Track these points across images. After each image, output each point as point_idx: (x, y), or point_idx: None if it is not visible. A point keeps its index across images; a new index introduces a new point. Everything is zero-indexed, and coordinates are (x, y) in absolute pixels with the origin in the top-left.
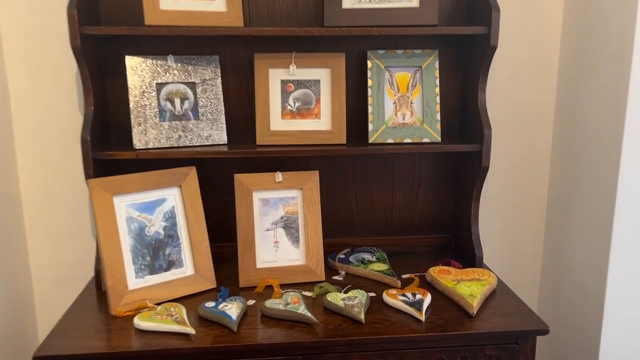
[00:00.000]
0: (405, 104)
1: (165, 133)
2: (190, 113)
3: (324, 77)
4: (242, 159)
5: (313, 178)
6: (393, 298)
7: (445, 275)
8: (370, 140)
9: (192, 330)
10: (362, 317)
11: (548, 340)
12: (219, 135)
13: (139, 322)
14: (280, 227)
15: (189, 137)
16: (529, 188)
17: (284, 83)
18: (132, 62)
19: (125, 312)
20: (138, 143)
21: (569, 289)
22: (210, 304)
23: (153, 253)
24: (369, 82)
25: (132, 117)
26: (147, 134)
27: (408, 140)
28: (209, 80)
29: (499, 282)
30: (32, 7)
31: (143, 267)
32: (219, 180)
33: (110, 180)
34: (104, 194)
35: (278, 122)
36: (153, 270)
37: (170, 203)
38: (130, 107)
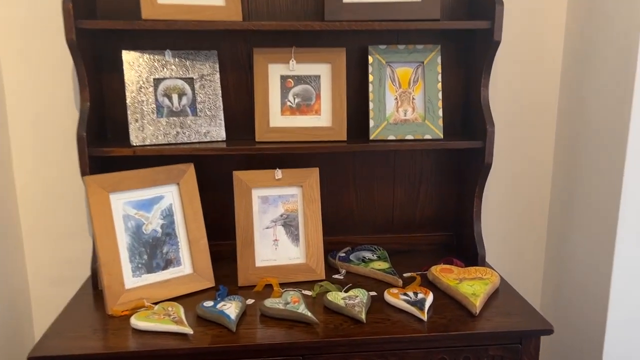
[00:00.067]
0: (407, 100)
1: (163, 129)
2: (188, 109)
3: (325, 72)
4: (241, 156)
5: (313, 175)
6: (394, 297)
7: (447, 274)
8: (371, 137)
9: (190, 330)
10: (363, 316)
11: (551, 341)
12: (218, 132)
13: (136, 321)
14: (280, 225)
15: (187, 133)
16: (532, 185)
17: (284, 79)
18: (129, 57)
19: (122, 311)
20: (135, 139)
21: (572, 288)
22: (209, 303)
23: (150, 251)
24: (370, 77)
25: (129, 113)
26: (144, 131)
27: (410, 137)
28: (207, 76)
29: (502, 281)
30: (26, 0)
31: (140, 265)
32: (218, 178)
33: (107, 177)
34: (100, 191)
35: (277, 118)
36: (150, 269)
37: (168, 200)
38: (127, 103)
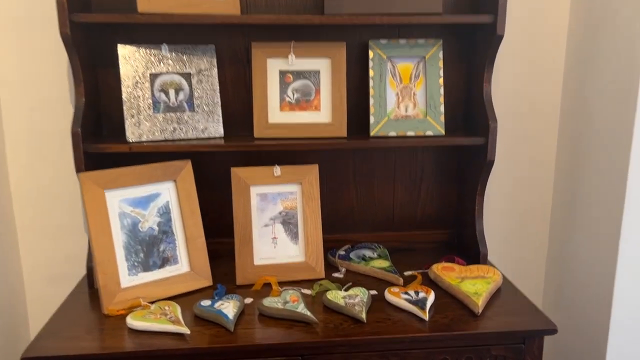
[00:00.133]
0: (408, 96)
1: (160, 125)
2: (186, 104)
3: (324, 67)
4: (239, 152)
5: (312, 172)
6: (395, 296)
7: (449, 273)
8: (372, 133)
9: (186, 330)
10: (363, 316)
11: (553, 341)
12: (215, 128)
13: (132, 321)
14: (279, 222)
15: (184, 129)
16: (534, 183)
17: (283, 74)
18: (124, 51)
19: (118, 311)
20: (131, 136)
21: (575, 288)
22: (206, 303)
23: (147, 249)
24: (371, 72)
25: (125, 108)
26: (140, 127)
27: (411, 133)
28: (205, 71)
29: (504, 279)
30: None
31: (136, 264)
32: (215, 175)
33: (102, 174)
34: (95, 189)
35: (276, 114)
36: (147, 268)
37: (165, 198)
38: (123, 98)
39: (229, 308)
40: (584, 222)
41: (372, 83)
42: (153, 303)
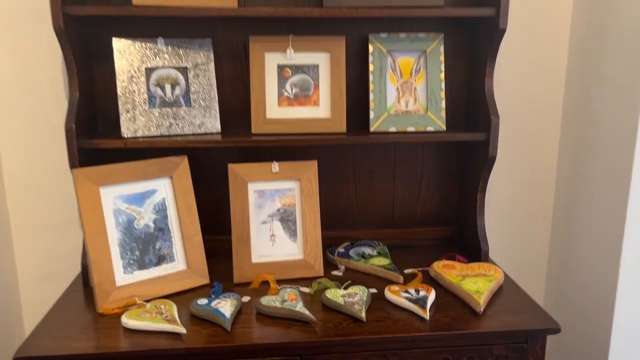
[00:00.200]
0: (409, 91)
1: (155, 121)
2: (182, 99)
3: (323, 61)
4: (236, 148)
5: (311, 168)
6: (395, 295)
7: (450, 271)
8: (372, 129)
9: (182, 330)
10: (363, 315)
11: (556, 340)
12: (212, 123)
13: (127, 320)
14: (277, 219)
15: (181, 125)
16: (536, 180)
17: (281, 68)
18: (119, 45)
19: (113, 309)
20: (126, 131)
21: (577, 287)
22: (203, 301)
23: (142, 247)
24: (371, 67)
25: (120, 103)
26: (135, 122)
27: (411, 129)
28: (202, 65)
29: (506, 277)
30: None
31: (132, 262)
32: (212, 171)
33: (97, 170)
34: (90, 185)
35: (274, 109)
36: (142, 266)
37: (161, 194)
38: (118, 93)
39: (226, 307)
40: (587, 220)
41: (372, 78)
42: (149, 302)
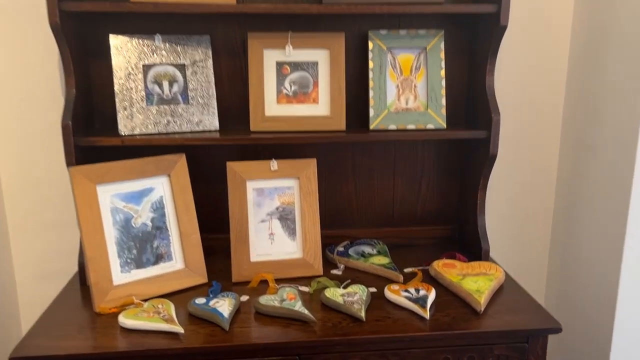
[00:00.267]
0: (409, 88)
1: (153, 118)
2: (180, 97)
3: (323, 58)
4: (235, 146)
5: (310, 166)
6: (395, 294)
7: (450, 270)
8: (371, 127)
9: (180, 329)
10: (362, 314)
11: (557, 340)
12: (211, 121)
13: (124, 320)
14: (276, 218)
15: (178, 122)
16: (537, 179)
17: (280, 65)
18: (116, 41)
19: (110, 309)
20: (124, 129)
21: (578, 286)
22: (201, 301)
23: (140, 246)
24: (370, 64)
25: (117, 101)
26: (133, 119)
27: (411, 127)
28: (200, 62)
29: (507, 276)
30: None
31: (129, 260)
32: (211, 169)
33: (93, 168)
34: (87, 183)
35: (273, 106)
36: (140, 264)
37: (159, 193)
38: (115, 90)
39: (224, 306)
40: (588, 220)
41: (371, 75)
42: (146, 301)
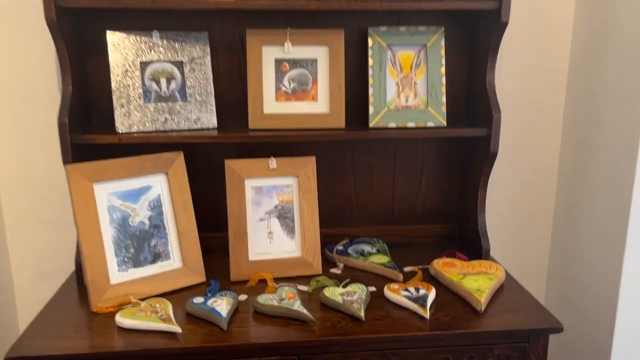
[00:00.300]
0: (409, 85)
1: (151, 116)
2: (177, 94)
3: (322, 55)
4: (233, 144)
5: (309, 164)
6: (395, 293)
7: (450, 269)
8: (371, 125)
9: (178, 329)
10: (361, 313)
11: (558, 341)
12: (209, 118)
13: (121, 319)
14: (275, 216)
15: (176, 120)
16: (537, 177)
17: (279, 62)
18: (113, 38)
19: (107, 308)
20: (121, 126)
21: (579, 287)
22: (199, 300)
23: (137, 245)
24: (370, 61)
25: (114, 98)
26: (130, 117)
27: (411, 124)
28: (198, 59)
29: (507, 275)
30: None
31: (126, 259)
32: (209, 167)
33: (90, 166)
34: (83, 181)
35: (272, 104)
36: (137, 263)
37: (156, 191)
38: (112, 87)
39: (222, 305)
40: (589, 219)
41: (371, 72)
42: (144, 300)
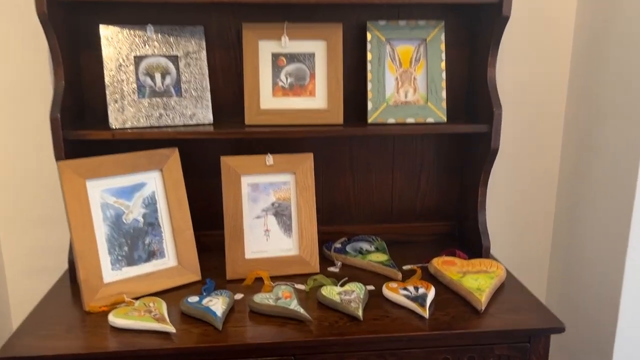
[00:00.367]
0: (408, 81)
1: (145, 111)
2: (172, 89)
3: (319, 50)
4: (229, 140)
5: (307, 161)
6: (394, 292)
7: (450, 267)
8: (370, 120)
9: (172, 329)
10: (359, 313)
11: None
12: (204, 114)
13: (114, 319)
14: (271, 214)
15: (171, 115)
16: (538, 175)
17: (275, 56)
18: (107, 32)
19: (100, 307)
20: (114, 122)
21: (580, 285)
22: (194, 299)
23: (131, 242)
24: (369, 56)
25: (107, 93)
26: (124, 112)
27: (411, 120)
28: (193, 54)
29: (508, 274)
30: None
31: (120, 257)
32: (204, 163)
33: (83, 163)
34: (76, 178)
35: (269, 99)
36: (131, 262)
37: (150, 188)
38: (106, 82)
39: (218, 305)
40: (590, 218)
41: (370, 67)
42: (137, 299)
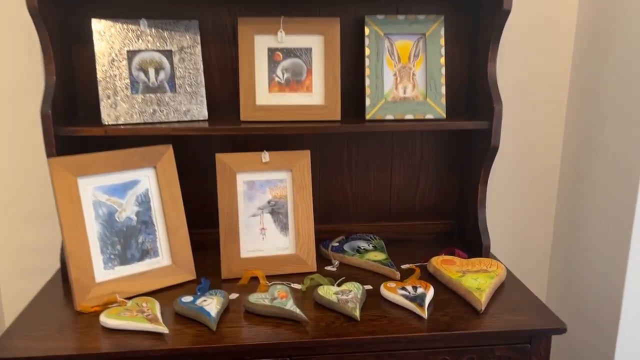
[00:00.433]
0: (407, 76)
1: (138, 107)
2: (166, 85)
3: (316, 45)
4: (224, 137)
5: (304, 158)
6: (392, 292)
7: (449, 266)
8: (368, 117)
9: (164, 330)
10: (357, 313)
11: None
12: (199, 110)
13: (106, 319)
14: (267, 212)
15: (165, 111)
16: (539, 173)
17: (272, 51)
18: (99, 26)
19: (92, 307)
20: (107, 118)
21: (581, 285)
22: (188, 299)
23: (124, 241)
24: (367, 51)
25: (100, 89)
26: (117, 108)
27: (409, 117)
28: (187, 48)
29: (508, 274)
30: None
31: (113, 256)
32: (199, 161)
33: (75, 160)
34: (67, 175)
35: (265, 95)
36: (124, 261)
37: (144, 185)
38: (98, 77)
39: (212, 305)
40: (591, 217)
41: (368, 62)
42: (131, 299)
